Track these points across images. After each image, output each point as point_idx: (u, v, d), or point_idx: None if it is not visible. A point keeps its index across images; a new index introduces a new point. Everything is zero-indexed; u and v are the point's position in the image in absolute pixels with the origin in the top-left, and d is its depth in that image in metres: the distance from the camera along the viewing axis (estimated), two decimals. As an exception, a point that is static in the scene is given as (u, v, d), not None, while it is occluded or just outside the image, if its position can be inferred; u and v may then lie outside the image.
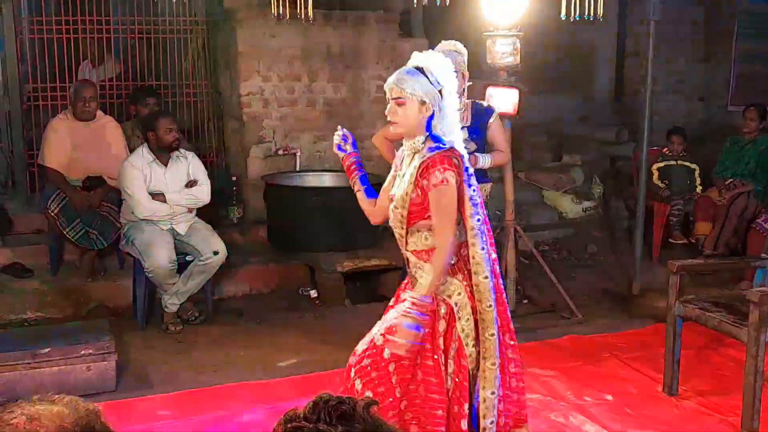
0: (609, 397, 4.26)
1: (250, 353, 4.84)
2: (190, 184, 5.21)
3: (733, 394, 4.11)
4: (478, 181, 4.34)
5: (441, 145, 2.95)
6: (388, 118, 3.02)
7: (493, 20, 5.01)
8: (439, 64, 3.01)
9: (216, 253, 5.12)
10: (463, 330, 3.04)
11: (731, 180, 6.68)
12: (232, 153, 6.98)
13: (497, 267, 3.16)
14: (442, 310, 3.05)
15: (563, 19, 4.77)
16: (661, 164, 7.04)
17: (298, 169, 6.69)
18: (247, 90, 6.59)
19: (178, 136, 5.22)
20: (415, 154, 3.01)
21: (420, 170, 2.94)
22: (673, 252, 6.54)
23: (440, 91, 2.97)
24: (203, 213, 5.43)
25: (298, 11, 4.70)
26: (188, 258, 5.15)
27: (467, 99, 4.40)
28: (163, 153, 5.12)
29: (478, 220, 3.01)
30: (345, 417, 1.30)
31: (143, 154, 5.11)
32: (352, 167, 3.31)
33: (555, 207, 7.57)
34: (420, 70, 2.97)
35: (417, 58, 3.04)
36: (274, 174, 6.41)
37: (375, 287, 6.13)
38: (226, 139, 7.03)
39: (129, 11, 6.65)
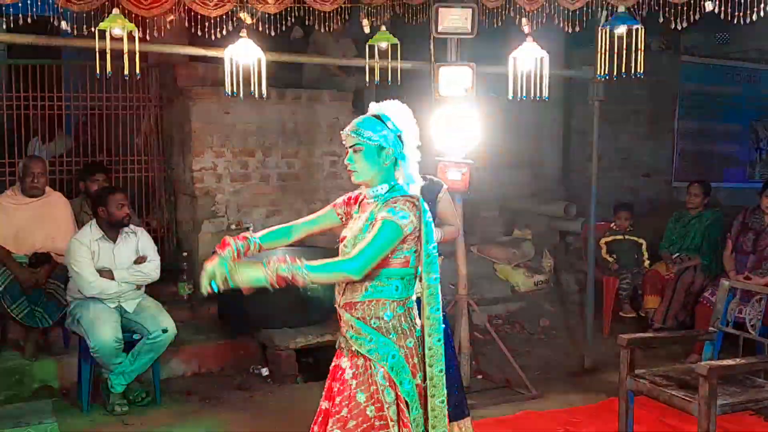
0: (564, 474, 4.23)
1: (199, 434, 4.71)
2: (139, 260, 5.14)
3: (686, 468, 4.11)
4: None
5: (405, 193, 2.87)
6: (348, 168, 2.92)
7: (444, 95, 5.13)
8: (396, 110, 2.95)
9: (165, 330, 5.02)
10: (408, 394, 2.86)
11: (678, 254, 6.82)
12: (183, 228, 6.93)
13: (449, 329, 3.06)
14: (379, 376, 2.85)
15: (510, 98, 4.91)
16: (609, 239, 7.18)
17: (250, 244, 6.65)
18: (200, 165, 6.59)
19: (129, 212, 5.18)
20: (375, 203, 2.90)
21: (378, 209, 2.84)
22: (623, 326, 6.62)
23: (399, 137, 2.90)
24: (153, 290, 5.35)
25: (252, 89, 4.76)
26: (136, 336, 5.04)
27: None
28: (112, 229, 5.06)
29: (435, 279, 2.87)
30: None
31: (91, 230, 5.05)
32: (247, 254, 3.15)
33: (507, 280, 7.63)
34: (376, 117, 2.92)
35: (373, 108, 2.98)
36: (226, 250, 6.35)
37: (328, 363, 6.03)
38: (177, 215, 6.98)
39: (81, 87, 6.65)
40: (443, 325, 2.94)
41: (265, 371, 5.77)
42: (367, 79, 5.20)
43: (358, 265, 2.76)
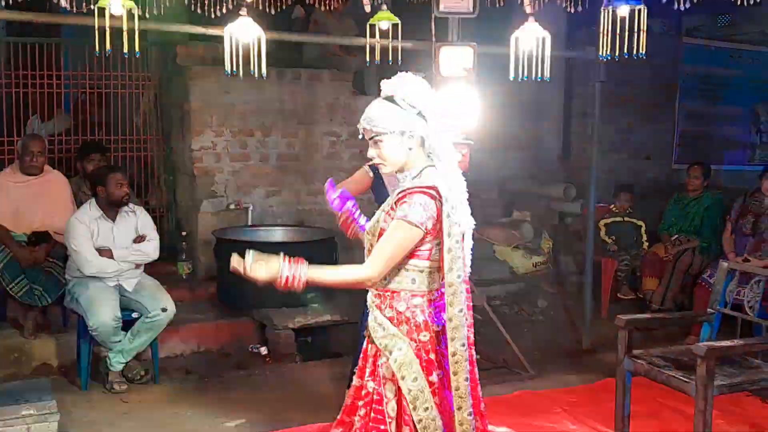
0: (561, 454, 4.25)
1: (198, 413, 4.73)
2: (138, 239, 5.14)
3: (682, 448, 4.14)
4: None
5: (424, 182, 2.71)
6: (373, 162, 2.80)
7: (445, 75, 5.10)
8: (411, 86, 2.75)
9: (164, 309, 5.03)
10: (409, 392, 2.71)
11: (677, 236, 6.83)
12: (182, 208, 6.92)
13: (472, 335, 2.88)
14: (384, 368, 2.76)
15: (512, 79, 4.89)
16: (609, 221, 7.18)
17: (250, 224, 6.66)
18: (199, 145, 6.58)
19: (128, 191, 5.17)
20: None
21: (395, 200, 2.74)
22: (621, 307, 6.64)
23: (420, 114, 2.73)
24: (152, 269, 5.35)
25: (252, 68, 4.73)
26: (134, 315, 5.05)
27: None
28: (111, 208, 5.05)
29: (459, 276, 2.67)
30: None
31: (90, 209, 5.04)
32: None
33: (506, 262, 7.64)
34: (389, 99, 2.74)
35: (386, 86, 2.79)
36: (225, 229, 6.36)
37: (327, 343, 6.06)
38: (176, 194, 6.98)
39: (80, 66, 6.62)
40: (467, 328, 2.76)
41: (263, 350, 5.79)
42: (368, 59, 5.18)
43: (373, 273, 2.71)
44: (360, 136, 2.81)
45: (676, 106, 9.19)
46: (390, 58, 4.95)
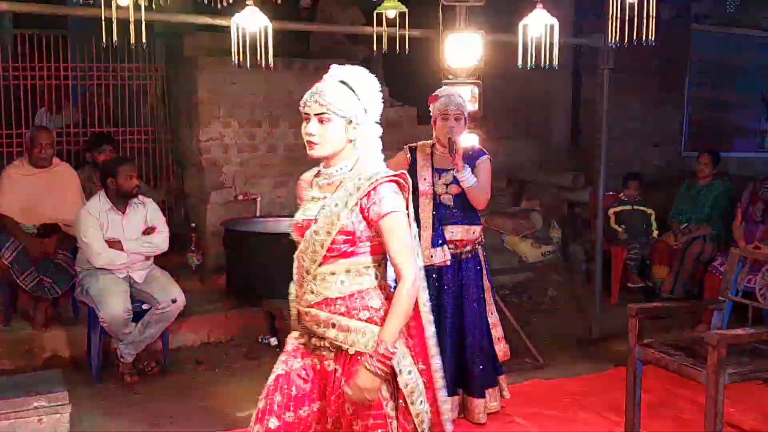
0: (571, 443, 4.25)
1: (208, 404, 4.74)
2: (148, 231, 5.14)
3: (693, 437, 4.13)
4: (470, 223, 4.38)
5: (387, 171, 2.59)
6: (308, 138, 2.57)
7: (453, 66, 5.08)
8: (365, 79, 2.65)
9: (174, 301, 5.04)
10: (406, 385, 2.58)
11: (687, 224, 6.80)
12: (191, 199, 6.93)
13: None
14: (386, 394, 2.59)
15: (519, 68, 4.86)
16: (618, 209, 7.16)
17: (258, 215, 6.66)
18: (207, 136, 6.57)
19: (138, 182, 5.18)
20: (341, 182, 2.61)
21: (364, 194, 2.53)
22: (631, 296, 6.62)
23: (365, 110, 2.61)
24: (161, 260, 5.36)
25: (259, 59, 4.72)
26: (144, 307, 5.06)
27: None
28: (121, 200, 5.06)
29: (421, 261, 2.63)
30: None
31: (100, 201, 5.05)
32: None
33: (515, 251, 7.62)
34: (343, 83, 2.62)
35: (337, 72, 2.66)
36: (234, 220, 6.36)
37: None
38: (185, 186, 6.98)
39: (88, 58, 6.62)
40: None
41: (273, 341, 5.80)
42: (375, 48, 5.16)
43: (414, 274, 2.53)
44: (302, 110, 2.62)
45: (685, 93, 9.14)
46: (397, 47, 4.93)
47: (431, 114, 4.40)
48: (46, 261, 5.31)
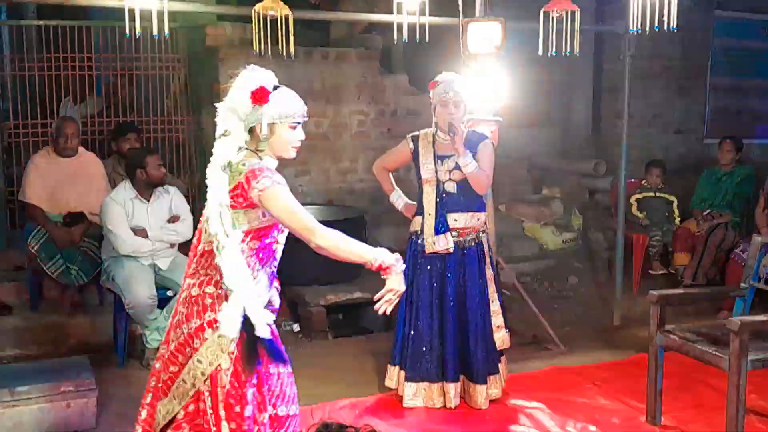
0: (592, 428, 4.27)
1: (233, 389, 4.79)
2: (172, 219, 5.20)
3: (715, 423, 4.14)
4: (475, 210, 4.40)
5: None
6: (299, 145, 3.01)
7: (473, 51, 5.08)
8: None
9: (198, 287, 5.09)
10: None
11: (709, 211, 6.77)
12: (213, 188, 6.97)
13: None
14: None
15: (540, 55, 4.86)
16: (640, 196, 7.13)
17: (279, 203, 6.68)
18: (229, 125, 6.60)
19: (166, 172, 5.25)
20: None
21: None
22: (652, 283, 6.59)
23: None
24: (184, 248, 5.40)
25: (280, 48, 4.75)
26: (169, 293, 5.12)
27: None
28: (146, 189, 5.12)
29: None
30: None
31: (125, 189, 5.11)
32: None
33: (535, 239, 7.62)
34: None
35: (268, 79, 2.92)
36: (256, 208, 6.40)
37: (357, 320, 6.12)
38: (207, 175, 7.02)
39: (111, 48, 6.68)
40: None
41: (296, 327, 5.85)
42: (395, 37, 5.17)
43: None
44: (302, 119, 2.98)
45: (707, 80, 9.06)
46: (418, 36, 4.94)
47: (431, 101, 4.42)
48: (73, 249, 5.40)
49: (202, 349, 2.82)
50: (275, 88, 2.92)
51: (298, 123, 2.96)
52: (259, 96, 2.84)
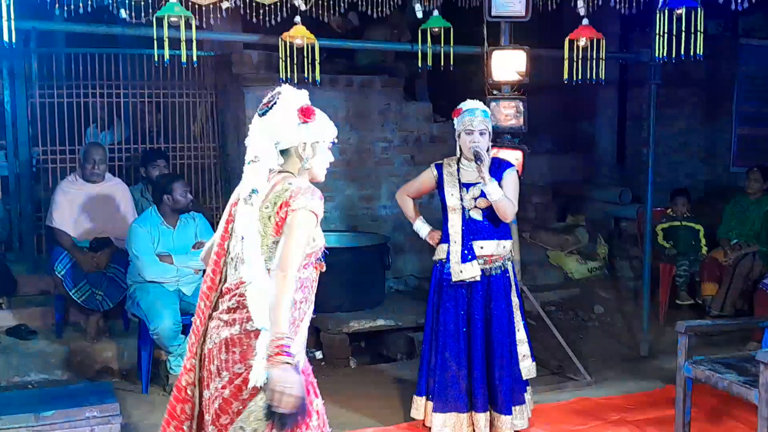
0: (619, 461, 4.20)
1: (255, 416, 4.77)
2: (198, 245, 5.23)
3: (745, 457, 4.05)
4: (500, 238, 4.37)
5: None
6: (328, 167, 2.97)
7: (498, 80, 5.09)
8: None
9: (222, 314, 5.10)
10: None
11: (737, 241, 6.69)
12: (238, 214, 7.01)
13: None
14: None
15: (566, 82, 4.86)
16: (666, 225, 7.06)
17: (303, 230, 6.70)
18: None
19: (192, 198, 5.29)
20: None
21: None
22: (679, 313, 6.51)
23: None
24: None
25: (306, 75, 4.79)
26: (194, 319, 5.12)
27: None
28: (172, 215, 5.15)
29: None
30: None
31: (151, 215, 5.16)
32: None
33: (560, 267, 7.56)
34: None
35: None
36: (281, 235, 6.41)
37: (380, 348, 6.09)
38: (232, 201, 7.06)
39: (138, 76, 6.77)
40: None
41: (318, 354, 5.84)
42: (420, 64, 5.19)
43: None
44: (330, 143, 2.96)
45: (733, 108, 9.00)
46: (442, 63, 4.96)
47: (455, 129, 4.42)
48: (98, 274, 5.43)
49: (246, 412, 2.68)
50: None
51: (332, 144, 2.93)
52: (308, 113, 2.81)
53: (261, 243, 2.67)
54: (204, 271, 3.03)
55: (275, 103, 2.80)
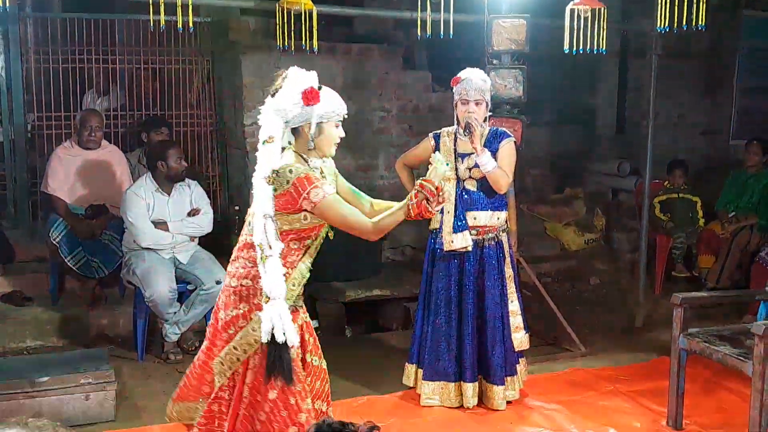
0: (612, 431, 4.22)
1: (251, 384, 4.79)
2: (193, 212, 5.21)
3: (737, 427, 4.08)
4: (494, 209, 4.35)
5: None
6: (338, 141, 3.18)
7: (497, 48, 5.04)
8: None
9: (218, 282, 5.08)
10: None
11: (734, 214, 6.68)
12: (235, 182, 6.99)
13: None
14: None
15: (566, 52, 4.80)
16: (663, 197, 7.05)
17: (300, 198, 6.68)
18: (251, 120, 6.60)
19: (186, 165, 5.25)
20: None
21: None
22: (675, 285, 6.52)
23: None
24: (205, 242, 5.42)
25: (303, 43, 4.74)
26: (189, 287, 5.13)
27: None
28: (167, 182, 5.13)
29: None
30: None
31: (147, 182, 5.13)
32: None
33: (557, 239, 7.56)
34: None
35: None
36: (277, 204, 6.39)
37: (376, 317, 6.10)
38: (229, 169, 7.04)
39: (134, 42, 6.70)
40: None
41: (314, 323, 5.82)
42: (419, 33, 5.14)
43: None
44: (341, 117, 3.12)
45: (734, 80, 8.94)
46: (442, 32, 4.90)
47: (453, 98, 4.38)
48: (94, 241, 5.42)
49: (237, 338, 3.06)
50: (318, 88, 3.05)
51: (341, 120, 3.10)
52: (311, 96, 3.00)
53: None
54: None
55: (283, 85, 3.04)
